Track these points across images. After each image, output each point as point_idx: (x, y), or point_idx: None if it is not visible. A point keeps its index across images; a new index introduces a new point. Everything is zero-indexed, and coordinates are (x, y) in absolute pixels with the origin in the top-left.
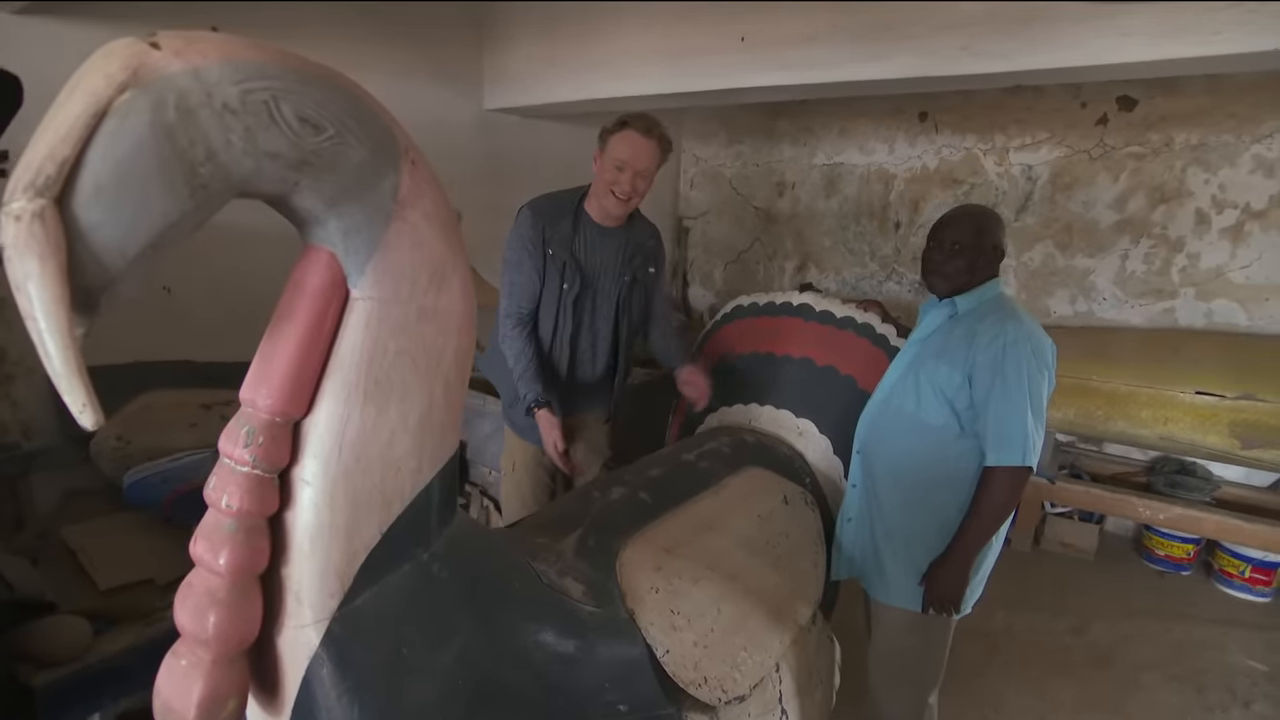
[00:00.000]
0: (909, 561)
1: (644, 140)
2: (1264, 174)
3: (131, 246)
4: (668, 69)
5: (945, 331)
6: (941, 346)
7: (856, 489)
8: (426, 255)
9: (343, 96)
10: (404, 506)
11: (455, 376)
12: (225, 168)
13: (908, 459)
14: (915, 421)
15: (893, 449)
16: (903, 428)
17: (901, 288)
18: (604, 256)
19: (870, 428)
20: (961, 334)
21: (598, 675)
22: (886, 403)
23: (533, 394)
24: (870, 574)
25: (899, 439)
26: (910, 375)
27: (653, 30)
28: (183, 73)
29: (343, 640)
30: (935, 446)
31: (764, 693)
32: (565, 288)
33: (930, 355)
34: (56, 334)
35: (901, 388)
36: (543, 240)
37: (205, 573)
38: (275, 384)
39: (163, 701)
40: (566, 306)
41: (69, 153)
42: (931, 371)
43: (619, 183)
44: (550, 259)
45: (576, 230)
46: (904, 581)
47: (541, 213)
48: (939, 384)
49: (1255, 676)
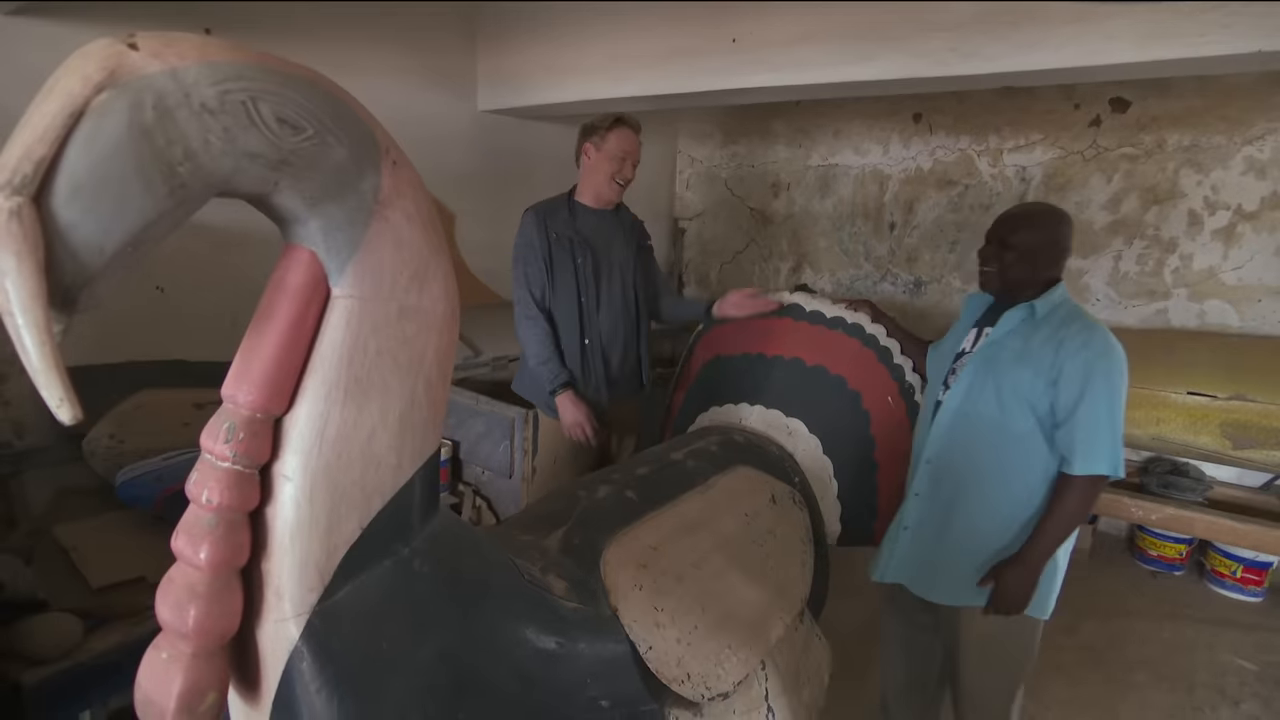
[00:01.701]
0: (989, 562)
1: (634, 135)
2: (1255, 175)
3: (109, 245)
4: (660, 71)
5: (1023, 336)
6: (1022, 352)
7: (920, 498)
8: (408, 254)
9: (322, 97)
10: (384, 502)
11: (437, 374)
12: (204, 168)
13: (990, 466)
14: (998, 428)
15: (974, 457)
16: (984, 435)
17: (896, 288)
18: (605, 232)
19: (945, 437)
20: (1044, 339)
21: (580, 671)
22: (960, 411)
23: (563, 375)
24: (931, 580)
25: (980, 447)
26: (988, 382)
27: (645, 32)
28: (161, 73)
29: (323, 634)
30: (1019, 453)
31: (749, 690)
32: (580, 261)
33: (1009, 361)
34: (33, 329)
35: (979, 395)
36: (545, 230)
37: (186, 567)
38: (256, 380)
39: (143, 694)
40: (587, 278)
41: (45, 151)
42: (1014, 378)
43: (623, 171)
44: (555, 242)
45: (573, 215)
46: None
47: (540, 210)
48: (1022, 390)
49: (1245, 676)
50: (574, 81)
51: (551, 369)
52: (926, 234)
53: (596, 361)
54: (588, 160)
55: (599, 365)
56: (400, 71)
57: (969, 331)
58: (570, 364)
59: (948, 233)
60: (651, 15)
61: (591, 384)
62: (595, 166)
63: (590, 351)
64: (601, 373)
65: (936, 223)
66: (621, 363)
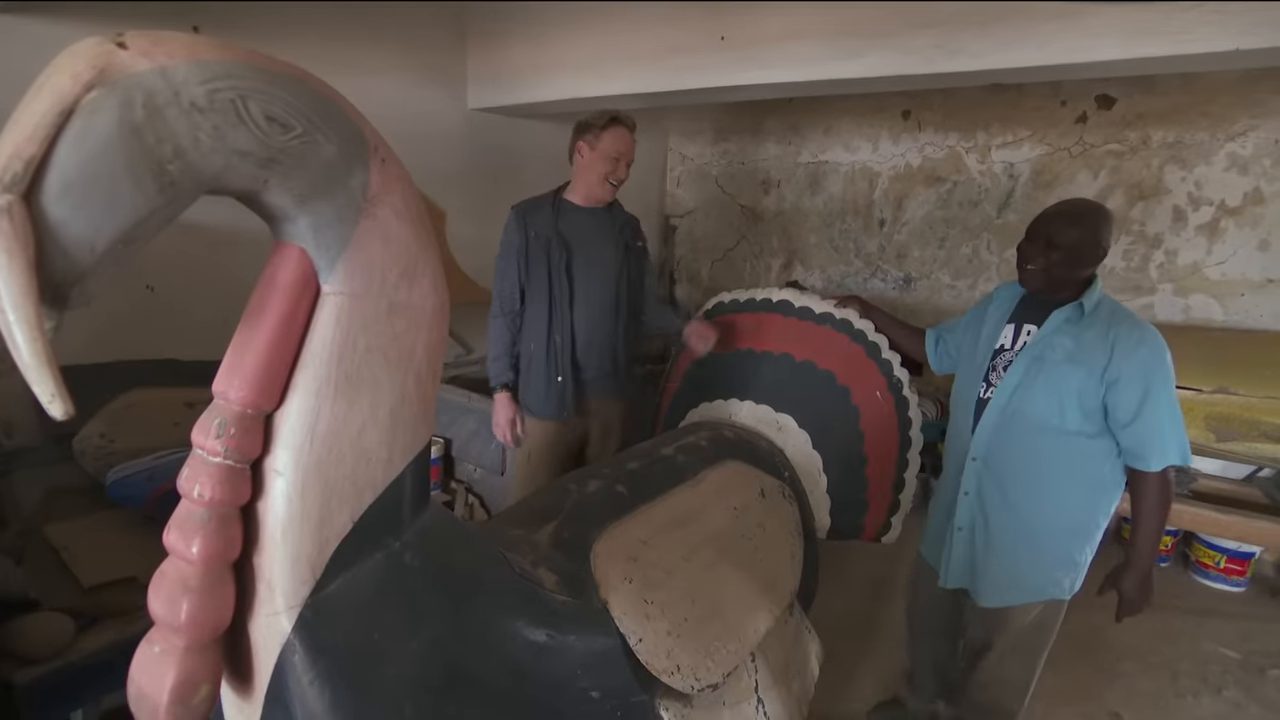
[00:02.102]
0: (1037, 559)
1: (629, 134)
2: (1238, 171)
3: (100, 242)
4: (650, 69)
5: (1072, 335)
6: (1073, 351)
7: (969, 496)
8: (397, 251)
9: (311, 96)
10: (375, 496)
11: (427, 370)
12: (194, 165)
13: (1040, 464)
14: (1049, 427)
15: (1024, 456)
16: (1034, 434)
17: (886, 284)
18: (591, 231)
19: (993, 435)
20: (1095, 338)
21: (570, 663)
22: (1009, 409)
23: (504, 376)
24: (981, 581)
25: (1030, 445)
26: (1038, 380)
27: (635, 30)
28: (150, 72)
29: (314, 627)
30: (1070, 451)
31: (739, 681)
32: (555, 259)
33: (1060, 360)
34: (25, 326)
35: (1028, 393)
36: (524, 228)
37: (178, 561)
38: (247, 377)
39: (137, 688)
40: (560, 276)
41: (36, 150)
42: (1064, 376)
43: (617, 171)
44: (534, 240)
45: (558, 214)
46: (1032, 578)
47: (522, 208)
48: (1074, 389)
49: (1228, 664)
50: (564, 79)
51: (497, 368)
52: (916, 230)
53: (564, 360)
54: (580, 159)
55: (566, 364)
56: (391, 69)
57: (1003, 326)
58: (536, 360)
59: (937, 229)
60: (640, 13)
61: (556, 381)
62: (588, 165)
63: (558, 349)
64: (569, 371)
65: (926, 219)
66: (598, 362)
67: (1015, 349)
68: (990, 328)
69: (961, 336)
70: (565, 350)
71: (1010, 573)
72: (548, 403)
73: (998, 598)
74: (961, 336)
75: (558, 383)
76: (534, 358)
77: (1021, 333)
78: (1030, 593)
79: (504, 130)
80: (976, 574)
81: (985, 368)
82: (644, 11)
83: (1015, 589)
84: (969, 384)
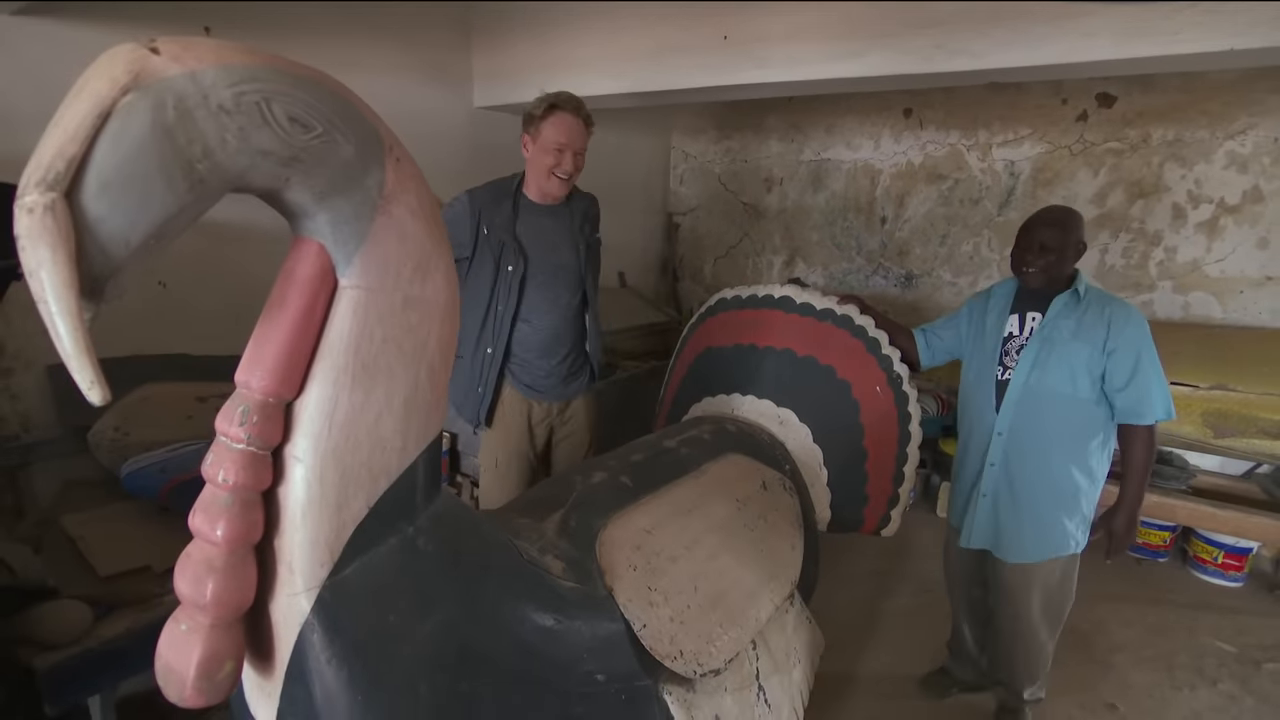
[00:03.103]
0: (1056, 516)
1: (575, 119)
2: (1237, 169)
3: (134, 237)
4: (653, 67)
5: (1074, 317)
6: (1076, 330)
7: (995, 467)
8: (411, 247)
9: (330, 97)
10: (390, 483)
11: (439, 361)
12: (221, 164)
13: (1058, 430)
14: (1064, 396)
15: (1044, 425)
16: (1052, 404)
17: (888, 282)
18: (553, 235)
19: (1015, 411)
20: (1094, 319)
21: (576, 647)
22: (1028, 385)
23: None
24: (1008, 541)
25: (1049, 415)
26: (1050, 357)
27: (638, 29)
28: (181, 76)
29: (333, 607)
30: (1082, 415)
31: (740, 668)
32: (510, 269)
33: (1066, 339)
34: (67, 316)
35: (1044, 370)
36: (478, 222)
37: (203, 543)
38: (268, 367)
39: (164, 663)
40: (510, 288)
41: (77, 150)
42: (1073, 352)
43: (562, 164)
44: (485, 239)
45: (517, 214)
46: (1053, 534)
47: (478, 197)
48: (1082, 361)
49: (1224, 657)
50: (568, 78)
51: None
52: (917, 228)
53: (491, 369)
54: (526, 153)
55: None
56: (397, 68)
57: (1007, 317)
58: (463, 364)
59: (938, 226)
60: (644, 12)
61: (476, 391)
62: (533, 160)
63: (487, 360)
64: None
65: (927, 216)
66: (554, 369)
67: (1024, 334)
68: (994, 319)
69: (964, 330)
70: (494, 363)
71: (1035, 530)
72: (464, 410)
73: (1023, 554)
74: (964, 330)
75: (477, 393)
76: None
77: (1026, 320)
78: (1052, 548)
79: (509, 128)
80: (1001, 535)
81: (998, 354)
82: (647, 10)
83: (1039, 545)
84: (984, 370)
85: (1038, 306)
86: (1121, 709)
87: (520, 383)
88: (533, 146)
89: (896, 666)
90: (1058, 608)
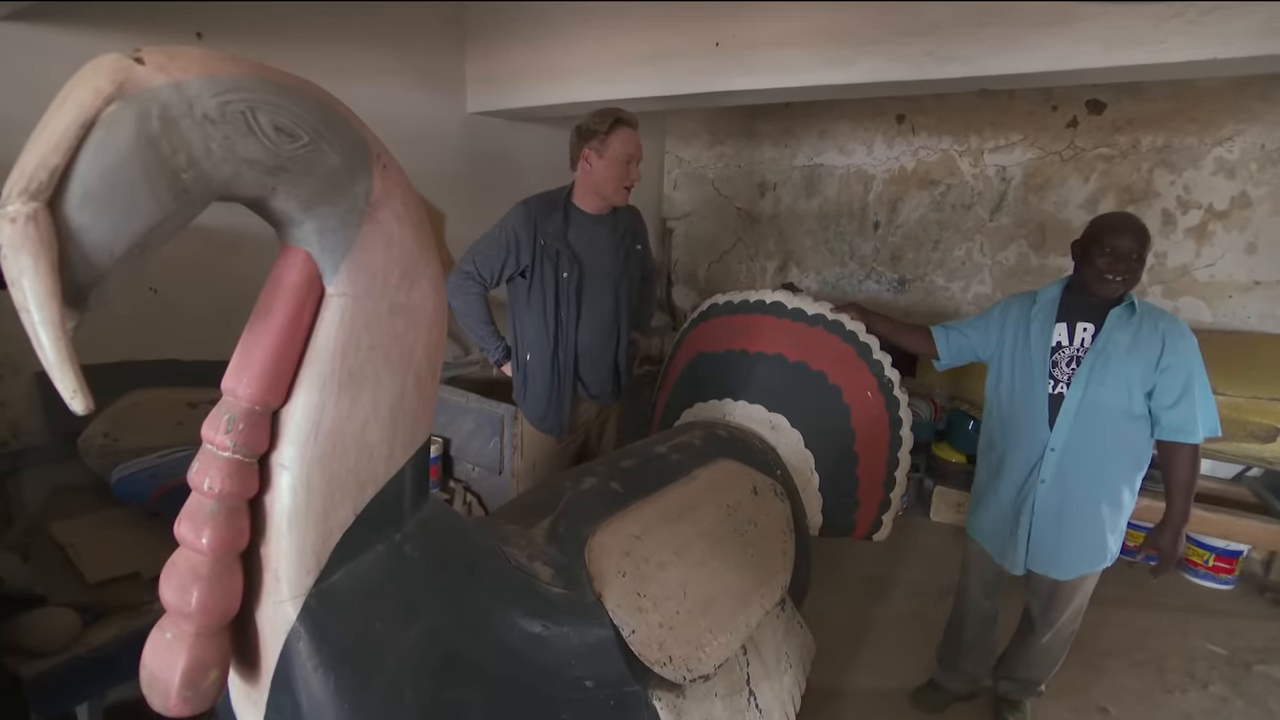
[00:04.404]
0: (1105, 530)
1: (635, 132)
2: (1225, 176)
3: (119, 247)
4: (646, 73)
5: (1129, 331)
6: (1132, 345)
7: (1047, 484)
8: (398, 254)
9: (316, 106)
10: (377, 490)
11: (426, 369)
12: (206, 174)
13: (1115, 446)
14: (1122, 412)
15: (1101, 441)
16: (1110, 420)
17: (880, 286)
18: (600, 244)
19: (1071, 426)
20: (1149, 333)
21: (564, 653)
22: (1086, 400)
23: (502, 347)
24: (1060, 558)
25: (1107, 431)
26: (1107, 372)
27: (630, 35)
28: (166, 86)
29: (319, 615)
30: (1135, 431)
31: (730, 673)
32: (565, 275)
33: (1123, 353)
34: (49, 326)
35: (1100, 385)
36: (535, 232)
37: (189, 551)
38: (255, 374)
39: (149, 672)
40: (569, 294)
41: (60, 160)
42: (1129, 367)
43: (629, 174)
44: (543, 250)
45: (568, 223)
46: (1098, 549)
47: (534, 207)
48: (1138, 376)
49: (1214, 660)
50: (562, 83)
51: (492, 342)
52: (910, 233)
53: (566, 381)
54: (588, 166)
55: (569, 379)
56: (391, 74)
57: (1053, 326)
58: (537, 376)
59: (930, 231)
60: (636, 19)
61: (555, 401)
62: (597, 173)
63: (561, 368)
64: (570, 386)
65: (920, 222)
66: (601, 375)
67: (1075, 345)
68: (1040, 328)
69: (996, 333)
70: (569, 370)
71: (1082, 546)
72: (545, 421)
73: (1070, 570)
74: (996, 333)
75: (557, 404)
76: (534, 373)
77: (1076, 330)
78: (1097, 561)
79: (502, 134)
80: (1052, 553)
81: (1046, 366)
82: (641, 16)
83: (1085, 561)
84: (1030, 383)
85: (1088, 317)
86: (1114, 712)
87: (584, 386)
88: (597, 160)
89: (889, 672)
90: (1079, 609)
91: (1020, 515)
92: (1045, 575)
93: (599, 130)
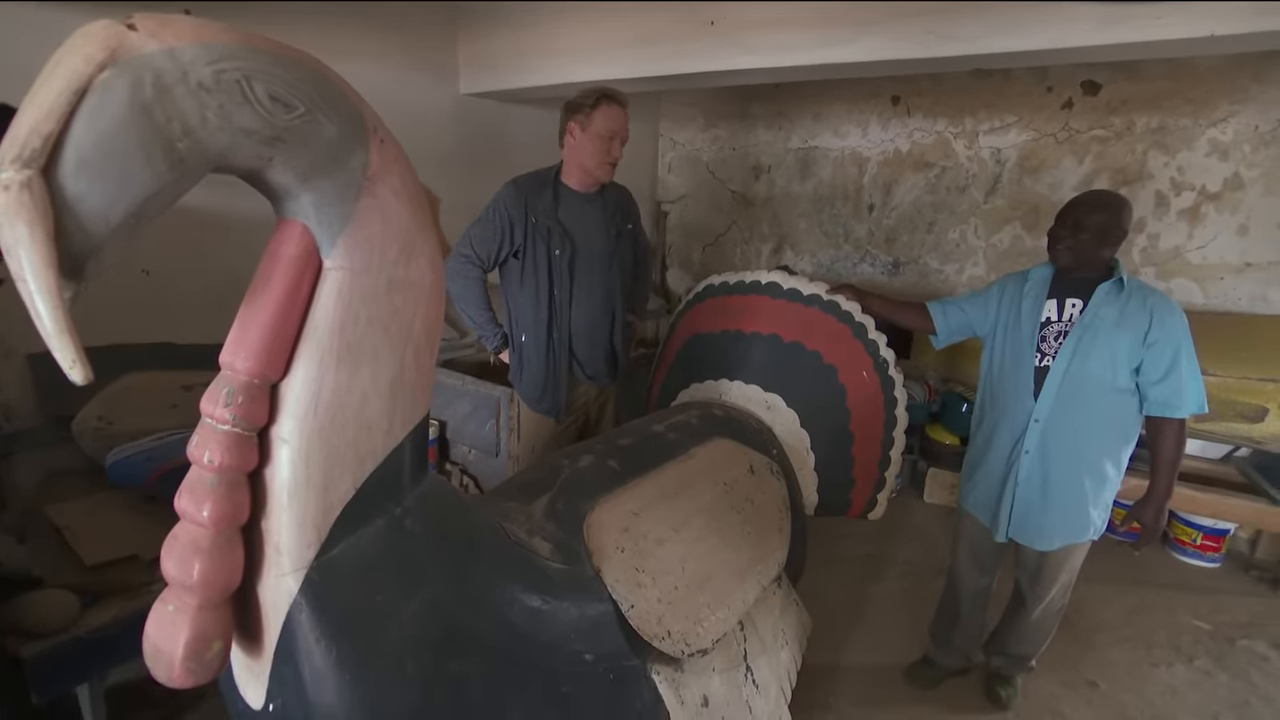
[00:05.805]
0: (1088, 502)
1: (622, 110)
2: (1219, 157)
3: (114, 215)
4: (641, 53)
5: (1117, 306)
6: (1119, 319)
7: (1031, 455)
8: (396, 229)
9: (312, 77)
10: (377, 464)
11: (425, 343)
12: (202, 143)
13: (1097, 419)
14: (1106, 385)
15: (1083, 413)
16: (1093, 393)
17: (875, 269)
18: (590, 222)
19: (1056, 398)
20: (1136, 308)
21: (563, 627)
22: (1069, 373)
23: (500, 335)
24: (1040, 530)
25: (1089, 404)
26: (1093, 346)
27: (625, 16)
28: (159, 53)
29: (320, 588)
30: (1120, 406)
31: (727, 648)
32: (557, 253)
33: (1110, 328)
34: (46, 294)
35: (1086, 358)
36: (526, 210)
37: (190, 525)
38: (253, 348)
39: (152, 645)
40: (562, 272)
41: (53, 127)
42: (1116, 341)
43: (612, 151)
44: (534, 227)
45: (558, 200)
46: (1081, 522)
47: (523, 185)
48: (1124, 351)
49: (1200, 635)
50: (555, 64)
51: (490, 328)
52: (904, 215)
53: (561, 360)
54: (572, 140)
55: (564, 359)
56: (383, 56)
57: (1044, 302)
58: (532, 356)
59: (925, 214)
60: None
61: (551, 382)
62: (581, 147)
63: (556, 347)
64: (565, 366)
65: (914, 204)
66: (593, 356)
67: (1064, 320)
68: (1031, 304)
69: (994, 309)
70: (564, 350)
71: (1066, 518)
72: (541, 403)
73: (1053, 541)
74: (994, 309)
75: (553, 385)
76: (529, 354)
77: (1066, 306)
78: (1081, 533)
79: (495, 115)
80: (1036, 523)
81: (1035, 339)
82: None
83: (1068, 532)
84: (1020, 356)
85: (1078, 293)
86: (1102, 686)
87: (580, 366)
88: (580, 135)
89: (884, 649)
90: (1069, 581)
91: (1006, 484)
92: (1030, 547)
93: (584, 105)
